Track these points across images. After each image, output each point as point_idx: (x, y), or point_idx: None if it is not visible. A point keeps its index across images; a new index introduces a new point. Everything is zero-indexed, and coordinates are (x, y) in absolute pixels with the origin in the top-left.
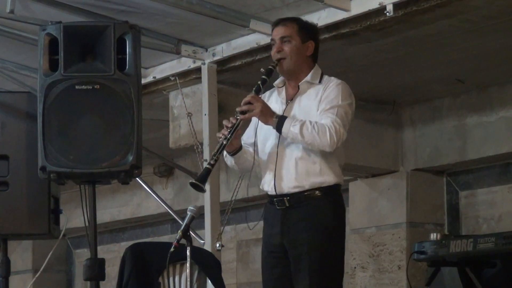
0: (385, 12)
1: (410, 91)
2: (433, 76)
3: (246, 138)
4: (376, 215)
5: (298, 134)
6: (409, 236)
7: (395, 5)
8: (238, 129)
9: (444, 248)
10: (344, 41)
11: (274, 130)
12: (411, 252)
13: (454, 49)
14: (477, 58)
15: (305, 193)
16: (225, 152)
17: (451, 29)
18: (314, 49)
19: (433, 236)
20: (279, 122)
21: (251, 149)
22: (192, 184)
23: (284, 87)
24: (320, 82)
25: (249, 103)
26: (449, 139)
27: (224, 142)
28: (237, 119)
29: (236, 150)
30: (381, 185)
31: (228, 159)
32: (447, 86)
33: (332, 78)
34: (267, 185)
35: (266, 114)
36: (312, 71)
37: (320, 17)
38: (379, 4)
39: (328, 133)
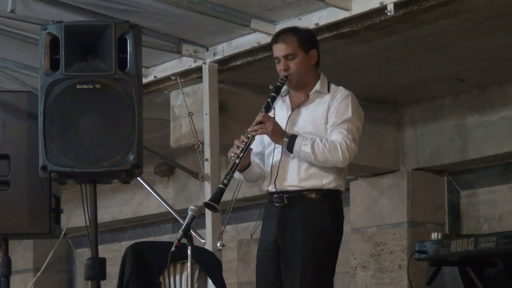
0: (386, 11)
1: (411, 91)
2: (434, 75)
3: (254, 147)
4: (377, 214)
5: (310, 154)
6: (410, 236)
7: (396, 5)
8: (250, 148)
9: (445, 247)
10: (345, 40)
11: None
12: (412, 252)
13: (455, 48)
14: (478, 58)
15: (305, 193)
16: None
17: (452, 29)
18: (317, 55)
19: (434, 235)
20: (290, 142)
21: (257, 160)
22: (206, 204)
23: (288, 95)
24: (328, 91)
25: (260, 122)
26: (450, 139)
27: (237, 161)
28: (248, 137)
29: (245, 167)
30: (382, 185)
31: (236, 174)
32: (448, 85)
33: (340, 88)
34: (268, 181)
35: (277, 134)
36: (319, 80)
37: (321, 17)
38: (380, 4)
39: (340, 150)
